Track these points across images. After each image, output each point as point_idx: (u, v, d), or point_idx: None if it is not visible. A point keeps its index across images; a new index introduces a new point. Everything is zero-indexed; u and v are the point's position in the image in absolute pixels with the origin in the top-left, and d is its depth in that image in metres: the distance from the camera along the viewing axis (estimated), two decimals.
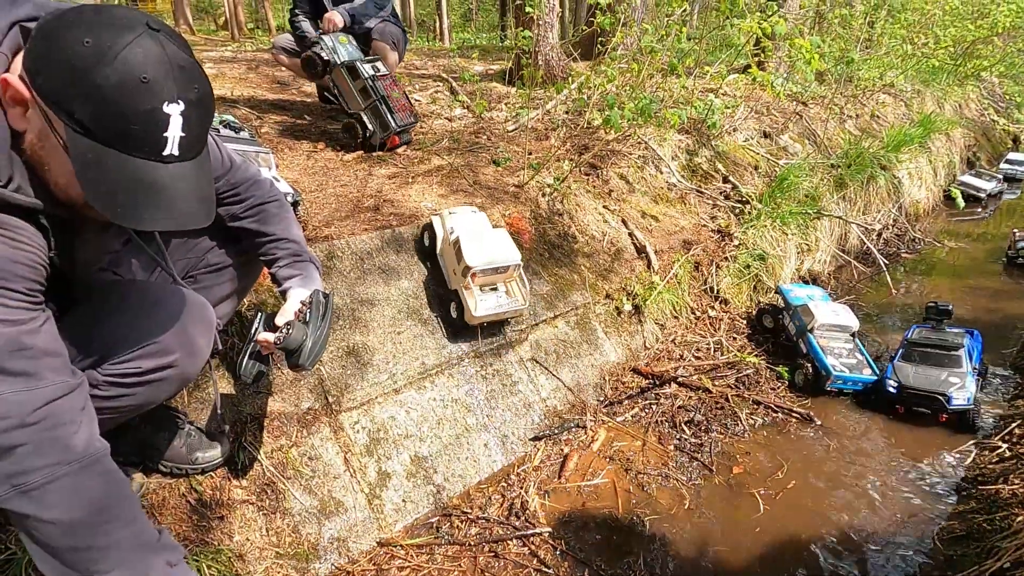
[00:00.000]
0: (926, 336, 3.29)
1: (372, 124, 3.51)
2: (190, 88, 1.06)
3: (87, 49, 0.98)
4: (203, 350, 1.52)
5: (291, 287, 1.74)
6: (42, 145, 1.07)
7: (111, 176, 1.04)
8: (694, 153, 4.57)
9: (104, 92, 0.98)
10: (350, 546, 2.04)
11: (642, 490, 2.46)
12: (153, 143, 1.04)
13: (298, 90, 4.82)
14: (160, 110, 1.02)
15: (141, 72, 0.99)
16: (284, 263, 1.76)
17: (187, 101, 1.05)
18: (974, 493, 2.41)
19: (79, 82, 0.98)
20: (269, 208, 1.75)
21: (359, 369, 2.37)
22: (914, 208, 6.36)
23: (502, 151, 3.88)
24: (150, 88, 1.00)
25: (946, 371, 3.02)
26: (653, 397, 2.96)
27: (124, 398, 1.41)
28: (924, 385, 2.97)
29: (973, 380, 2.98)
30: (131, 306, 1.42)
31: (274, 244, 1.75)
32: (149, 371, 1.41)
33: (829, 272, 4.71)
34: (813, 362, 3.21)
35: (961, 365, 3.05)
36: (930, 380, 2.98)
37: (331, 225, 2.82)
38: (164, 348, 1.41)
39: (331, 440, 2.18)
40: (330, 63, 3.44)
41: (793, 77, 6.79)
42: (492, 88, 5.54)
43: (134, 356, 1.37)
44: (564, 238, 3.40)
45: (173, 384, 1.51)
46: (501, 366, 2.73)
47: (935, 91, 9.18)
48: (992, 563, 1.94)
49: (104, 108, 0.99)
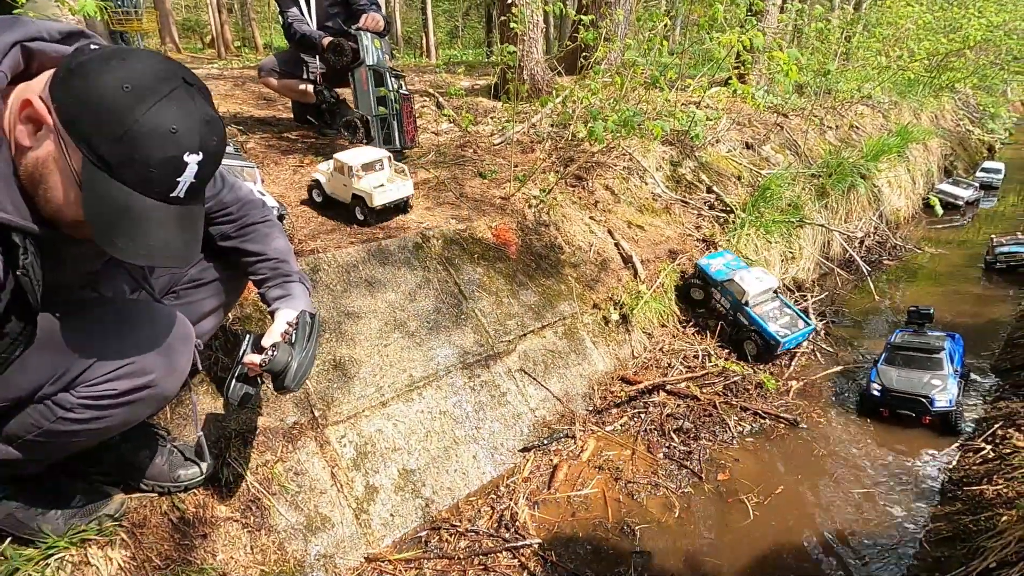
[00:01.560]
0: (908, 340, 3.33)
1: (376, 133, 3.51)
2: (211, 140, 1.14)
3: (127, 96, 1.04)
4: (182, 369, 1.49)
5: (278, 308, 1.74)
6: (47, 167, 1.10)
7: (118, 211, 1.10)
8: (678, 164, 4.63)
9: (135, 137, 1.05)
10: (337, 562, 2.01)
11: (632, 499, 2.45)
12: (166, 187, 1.12)
13: (284, 106, 4.83)
14: (181, 159, 1.10)
15: (172, 123, 1.07)
16: (272, 283, 1.76)
17: (206, 152, 1.13)
18: (959, 494, 2.43)
19: (112, 124, 1.04)
20: (260, 228, 1.75)
21: (345, 382, 2.35)
22: (894, 216, 6.48)
23: (488, 164, 3.91)
24: (177, 139, 1.08)
25: (928, 374, 3.05)
26: (642, 406, 2.96)
27: (100, 420, 1.37)
28: (907, 388, 2.99)
29: (955, 382, 3.00)
30: (107, 326, 1.38)
31: (263, 263, 1.75)
32: (125, 392, 1.36)
33: (813, 280, 4.77)
34: (760, 333, 3.39)
35: (942, 368, 3.08)
36: (913, 383, 3.01)
37: (317, 239, 2.82)
38: (141, 368, 1.37)
39: (317, 455, 2.16)
40: (359, 59, 3.38)
41: (773, 89, 6.94)
42: (478, 103, 5.59)
43: (109, 377, 1.33)
44: (551, 249, 3.43)
45: (151, 404, 1.47)
46: (489, 377, 2.73)
47: (911, 102, 9.41)
48: (978, 563, 1.96)
49: (131, 151, 1.06)
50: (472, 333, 2.79)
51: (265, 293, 1.77)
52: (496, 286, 3.03)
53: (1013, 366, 3.49)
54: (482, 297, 2.94)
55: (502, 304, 2.99)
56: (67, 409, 1.33)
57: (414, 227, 3.03)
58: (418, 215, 3.19)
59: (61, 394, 1.33)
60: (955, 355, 3.22)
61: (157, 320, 1.47)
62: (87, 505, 1.63)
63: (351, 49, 3.38)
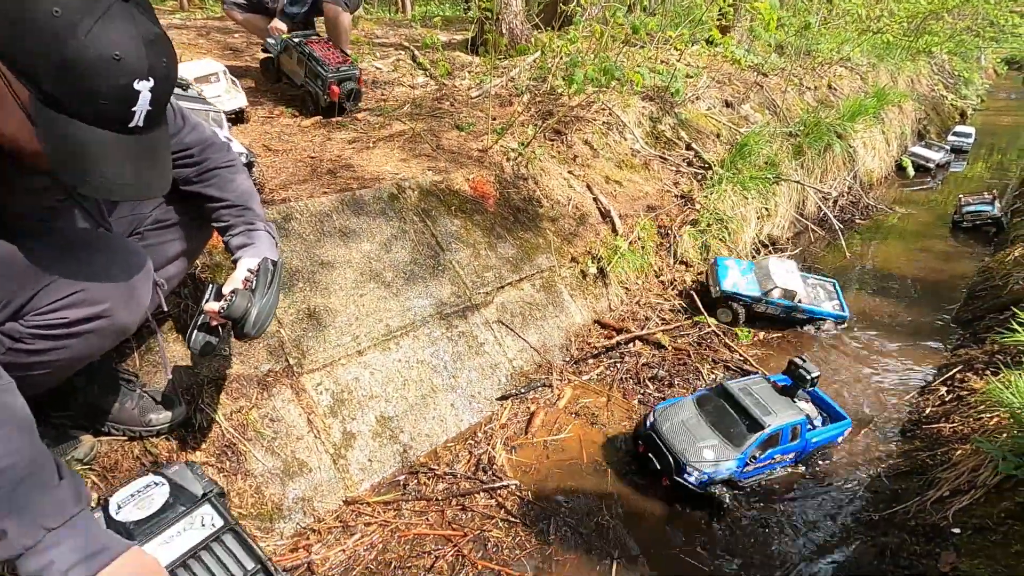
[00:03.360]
0: (740, 393, 2.38)
1: (314, 87, 3.47)
2: (159, 63, 1.06)
3: (58, 21, 0.96)
4: (139, 299, 1.41)
5: (242, 256, 1.68)
6: None
7: (76, 147, 1.04)
8: (658, 120, 4.59)
9: (76, 69, 0.98)
10: (315, 505, 2.03)
11: (607, 444, 2.50)
12: (121, 117, 1.06)
13: (251, 57, 4.62)
14: (131, 87, 1.03)
15: (113, 50, 0.99)
16: (237, 231, 1.70)
17: (156, 77, 1.06)
18: (918, 433, 2.55)
19: (49, 55, 0.97)
20: (223, 173, 1.68)
21: (321, 331, 2.33)
22: (868, 177, 6.57)
23: (465, 116, 3.82)
24: (122, 66, 1.01)
25: (714, 442, 2.25)
26: (618, 356, 3.01)
27: (54, 351, 1.32)
28: (670, 440, 2.25)
29: (734, 467, 2.20)
30: (56, 253, 1.30)
31: (227, 210, 1.69)
32: (78, 321, 1.30)
33: (787, 237, 4.83)
34: (825, 318, 3.47)
35: (740, 447, 2.22)
36: (682, 440, 2.25)
37: (288, 188, 2.74)
38: (92, 297, 1.30)
39: (293, 402, 2.14)
40: (276, 60, 3.69)
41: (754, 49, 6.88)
42: (455, 57, 5.42)
43: (59, 306, 1.27)
44: (529, 202, 3.39)
45: (107, 336, 1.40)
46: (467, 328, 2.73)
47: (889, 66, 9.44)
48: (933, 492, 2.06)
49: (75, 84, 0.99)
50: (449, 284, 2.77)
51: (229, 241, 1.71)
52: (474, 238, 3.00)
53: (973, 317, 3.62)
54: (459, 249, 2.91)
55: (480, 256, 2.96)
56: (16, 340, 1.27)
57: (389, 178, 2.97)
58: (393, 166, 3.12)
59: (9, 324, 1.27)
60: (786, 441, 2.29)
61: (111, 249, 1.39)
62: (54, 447, 1.60)
63: (271, 63, 3.75)
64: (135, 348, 1.95)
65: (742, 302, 3.41)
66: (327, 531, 1.97)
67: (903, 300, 4.09)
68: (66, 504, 1.09)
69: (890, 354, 3.39)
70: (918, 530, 2.02)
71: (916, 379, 3.14)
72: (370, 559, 1.89)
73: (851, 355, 3.35)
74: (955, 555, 1.85)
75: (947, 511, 2.02)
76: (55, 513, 1.07)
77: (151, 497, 1.36)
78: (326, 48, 3.51)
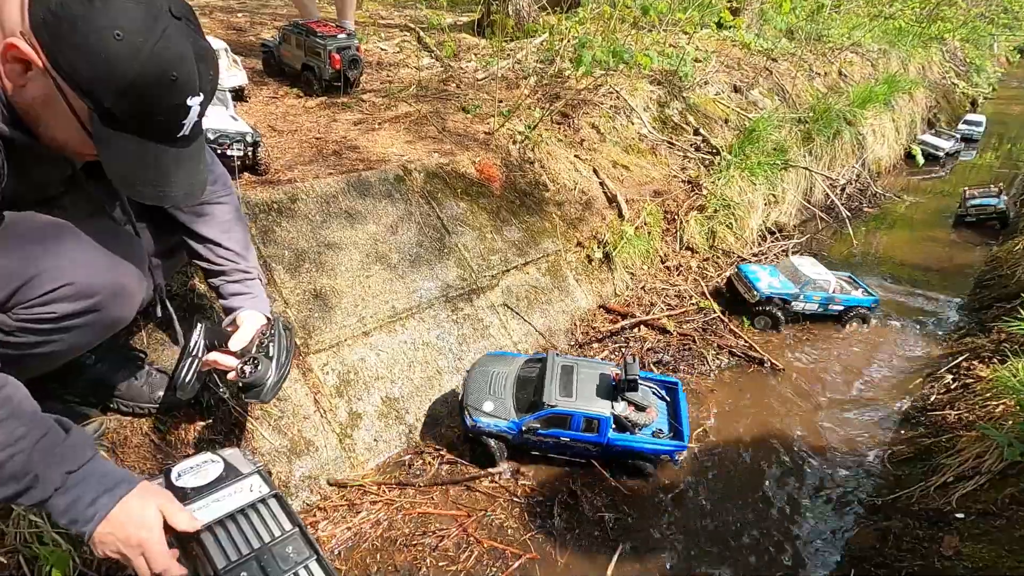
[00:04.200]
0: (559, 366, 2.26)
1: (316, 62, 3.46)
2: (207, 77, 1.13)
3: (121, 45, 1.01)
4: (132, 291, 1.37)
5: (241, 308, 1.65)
6: (45, 108, 1.09)
7: (133, 160, 1.13)
8: (665, 105, 4.54)
9: (136, 90, 1.04)
10: (321, 483, 2.05)
11: None
12: (172, 131, 1.14)
13: (255, 36, 4.58)
14: (184, 104, 1.11)
15: (171, 71, 1.06)
16: (230, 278, 1.66)
17: (204, 92, 1.13)
18: (922, 420, 2.55)
19: (113, 78, 1.02)
20: (215, 211, 1.61)
21: (327, 312, 2.33)
22: (876, 165, 6.51)
23: (471, 99, 3.79)
24: (177, 86, 1.08)
25: (504, 399, 2.20)
26: (623, 340, 3.01)
27: (46, 345, 1.28)
28: (470, 384, 2.25)
29: (508, 427, 2.15)
30: (46, 242, 1.24)
31: (214, 251, 1.62)
32: (67, 316, 1.25)
33: (794, 225, 4.80)
34: (859, 306, 3.41)
35: (520, 413, 2.15)
36: (478, 386, 2.25)
37: (294, 169, 2.72)
38: (81, 291, 1.25)
39: (299, 381, 2.15)
40: (276, 52, 3.72)
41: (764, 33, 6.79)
42: (462, 39, 5.36)
43: (48, 299, 1.22)
44: (535, 186, 3.37)
45: (99, 329, 1.36)
46: (472, 311, 2.73)
47: (900, 52, 9.30)
48: (937, 478, 2.07)
49: (134, 104, 1.06)
50: (455, 267, 2.76)
51: (220, 286, 1.66)
52: (479, 221, 2.99)
53: (981, 305, 3.61)
54: (465, 232, 2.90)
55: (485, 239, 2.95)
56: (6, 333, 1.23)
57: (395, 160, 2.95)
58: (399, 148, 3.10)
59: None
60: (578, 429, 2.14)
61: (105, 240, 1.32)
62: None
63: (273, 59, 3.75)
64: (143, 326, 1.96)
65: (777, 302, 3.30)
66: (333, 509, 1.98)
67: (909, 289, 4.08)
68: (79, 449, 1.17)
69: (894, 342, 3.39)
70: (921, 515, 2.03)
71: (920, 367, 3.13)
72: (376, 536, 1.91)
73: (855, 343, 3.35)
74: (958, 539, 1.86)
75: (951, 497, 2.03)
76: (72, 458, 1.15)
77: (207, 470, 1.49)
78: (322, 25, 3.51)
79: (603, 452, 2.21)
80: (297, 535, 1.44)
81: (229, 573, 1.32)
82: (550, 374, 2.19)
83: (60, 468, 1.12)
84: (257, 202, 2.37)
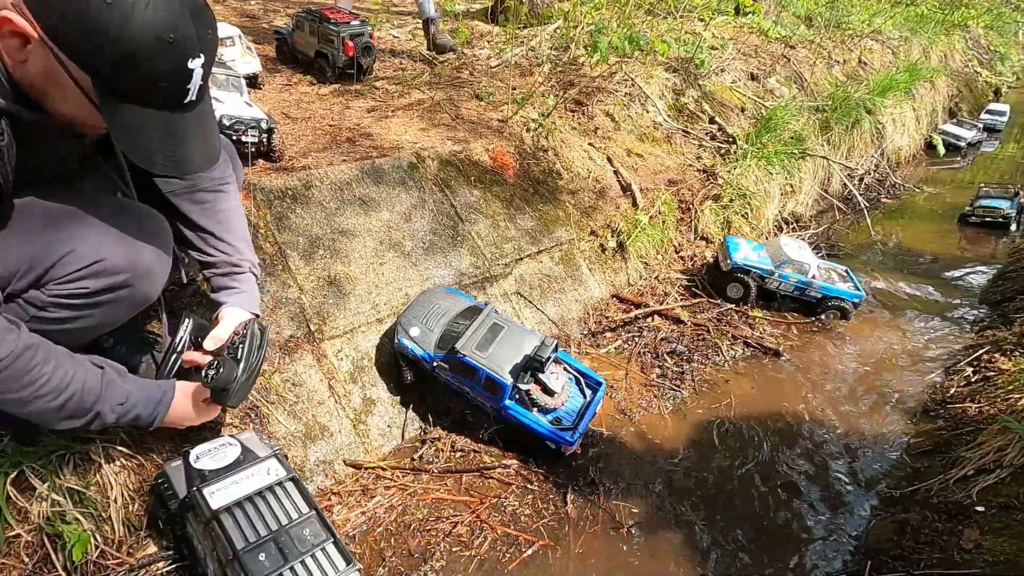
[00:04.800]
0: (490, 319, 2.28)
1: (329, 50, 3.46)
2: (206, 36, 1.10)
3: (112, 11, 0.98)
4: (159, 268, 1.40)
5: (226, 304, 1.63)
6: (49, 81, 1.08)
7: (141, 132, 1.11)
8: (681, 93, 4.48)
9: (134, 56, 1.02)
10: (336, 468, 2.06)
11: (624, 415, 2.50)
12: (178, 97, 1.11)
13: (268, 24, 4.57)
14: (185, 67, 1.08)
15: (167, 32, 1.02)
16: (219, 271, 1.64)
17: (205, 51, 1.10)
18: (942, 413, 2.51)
19: (106, 45, 1.00)
20: (214, 199, 1.59)
21: (341, 299, 2.33)
22: (896, 155, 6.38)
23: (485, 86, 3.76)
24: (175, 47, 1.04)
25: (430, 330, 2.22)
26: (636, 330, 2.99)
27: (77, 320, 1.32)
28: (412, 306, 2.33)
29: (423, 355, 2.18)
30: (77, 221, 1.28)
31: (207, 240, 1.61)
32: (99, 291, 1.30)
33: (811, 215, 4.73)
34: (840, 297, 3.28)
35: (435, 348, 2.19)
36: (417, 312, 2.31)
37: (308, 156, 2.72)
38: (112, 267, 1.29)
39: (314, 367, 2.16)
40: (289, 40, 3.73)
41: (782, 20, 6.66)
42: (475, 26, 5.31)
43: (81, 276, 1.26)
44: (549, 174, 3.35)
45: (127, 306, 1.40)
46: (485, 299, 2.72)
47: (922, 39, 9.08)
48: (956, 471, 2.04)
49: (134, 73, 1.04)
50: (468, 255, 2.75)
51: (210, 279, 1.66)
52: (493, 209, 2.98)
53: (1003, 298, 3.54)
54: (479, 220, 2.89)
55: (499, 228, 2.94)
56: (39, 308, 1.27)
57: (408, 147, 2.93)
58: (412, 135, 3.09)
59: (32, 292, 1.26)
60: (480, 384, 2.13)
61: (133, 216, 1.37)
62: None
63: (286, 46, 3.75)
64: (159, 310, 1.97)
65: (753, 275, 3.27)
66: (347, 493, 2.00)
67: (927, 280, 4.01)
68: (118, 386, 1.39)
69: (913, 334, 3.33)
70: (940, 508, 2.00)
71: (939, 359, 3.08)
72: (390, 521, 1.92)
73: (872, 334, 3.30)
74: (978, 533, 1.84)
75: (971, 490, 2.00)
76: (116, 393, 1.37)
77: (224, 453, 1.54)
78: (336, 12, 3.49)
79: (497, 416, 2.22)
80: (314, 518, 1.46)
81: (248, 553, 1.34)
82: (476, 326, 2.20)
83: (111, 403, 1.34)
84: (272, 188, 2.37)
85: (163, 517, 1.58)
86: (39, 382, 1.21)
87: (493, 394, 2.13)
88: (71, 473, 1.55)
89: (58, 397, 1.25)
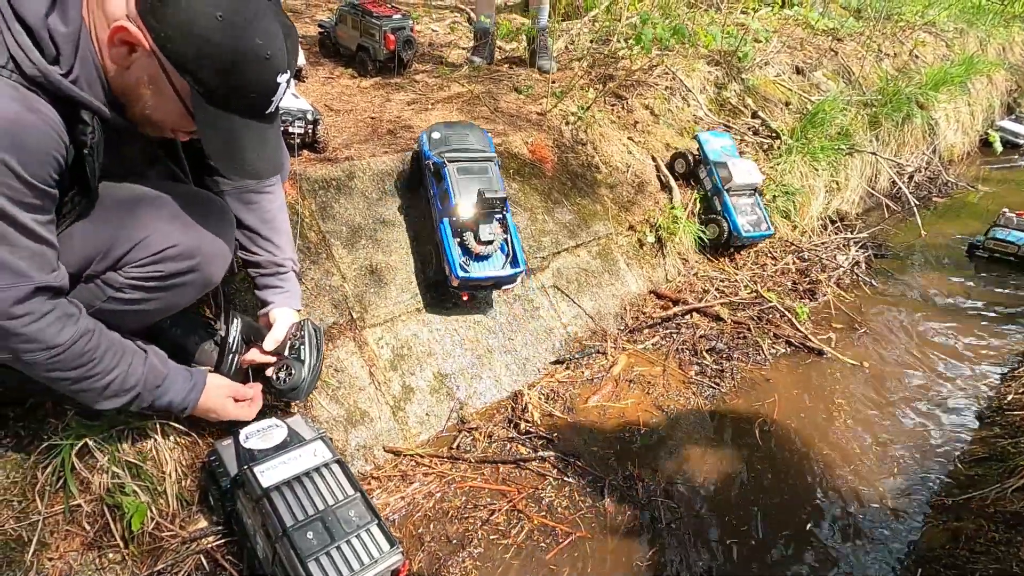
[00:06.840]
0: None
1: (370, 43, 3.49)
2: (292, 55, 1.21)
3: (223, 25, 1.08)
4: (225, 254, 1.51)
5: (274, 305, 1.75)
6: (148, 87, 1.17)
7: (231, 138, 1.21)
8: (723, 87, 4.38)
9: (239, 69, 1.12)
10: (375, 453, 2.10)
11: (662, 412, 2.47)
12: (264, 107, 1.22)
13: (311, 19, 4.66)
14: (275, 82, 1.19)
15: (266, 51, 1.13)
16: (265, 270, 1.74)
17: (290, 67, 1.21)
18: (998, 420, 2.40)
19: (216, 57, 1.10)
20: (261, 200, 1.68)
21: (381, 287, 2.37)
22: (948, 152, 6.11)
23: (524, 79, 3.75)
24: (270, 64, 1.16)
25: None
26: (674, 327, 2.94)
27: (147, 302, 1.41)
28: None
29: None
30: (151, 207, 1.38)
31: (253, 239, 1.70)
32: (172, 275, 1.40)
33: (857, 213, 4.57)
34: (727, 220, 3.33)
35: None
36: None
37: (350, 147, 2.76)
38: (185, 251, 1.39)
39: (356, 354, 2.20)
40: (332, 33, 3.77)
41: (829, 12, 6.44)
42: (512, 19, 5.31)
43: (156, 259, 1.36)
44: (587, 168, 3.32)
45: (195, 288, 1.50)
46: (522, 291, 2.72)
47: (979, 32, 8.64)
48: (1015, 480, 1.94)
49: (234, 83, 1.14)
50: None
51: (255, 278, 1.77)
52: (531, 202, 2.97)
53: None
54: (517, 212, 2.88)
55: (537, 221, 2.93)
56: (116, 288, 1.36)
57: None
58: None
59: (110, 273, 1.36)
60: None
61: (201, 203, 1.47)
62: None
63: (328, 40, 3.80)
64: (211, 295, 2.04)
65: (695, 158, 3.46)
66: (387, 478, 2.03)
67: (980, 282, 3.83)
68: (158, 370, 1.46)
69: (966, 336, 3.19)
70: (996, 517, 1.91)
71: (996, 364, 2.94)
72: (428, 507, 1.95)
73: (923, 336, 3.17)
74: None
75: None
76: (155, 376, 1.45)
77: (272, 434, 1.60)
78: (378, 6, 3.53)
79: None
80: (359, 500, 1.49)
81: (296, 531, 1.38)
82: (471, 157, 2.45)
83: (151, 383, 1.42)
84: (316, 178, 2.42)
85: (215, 493, 1.64)
86: (89, 364, 1.29)
87: (442, 205, 2.38)
88: (130, 447, 1.62)
89: (104, 378, 1.32)
